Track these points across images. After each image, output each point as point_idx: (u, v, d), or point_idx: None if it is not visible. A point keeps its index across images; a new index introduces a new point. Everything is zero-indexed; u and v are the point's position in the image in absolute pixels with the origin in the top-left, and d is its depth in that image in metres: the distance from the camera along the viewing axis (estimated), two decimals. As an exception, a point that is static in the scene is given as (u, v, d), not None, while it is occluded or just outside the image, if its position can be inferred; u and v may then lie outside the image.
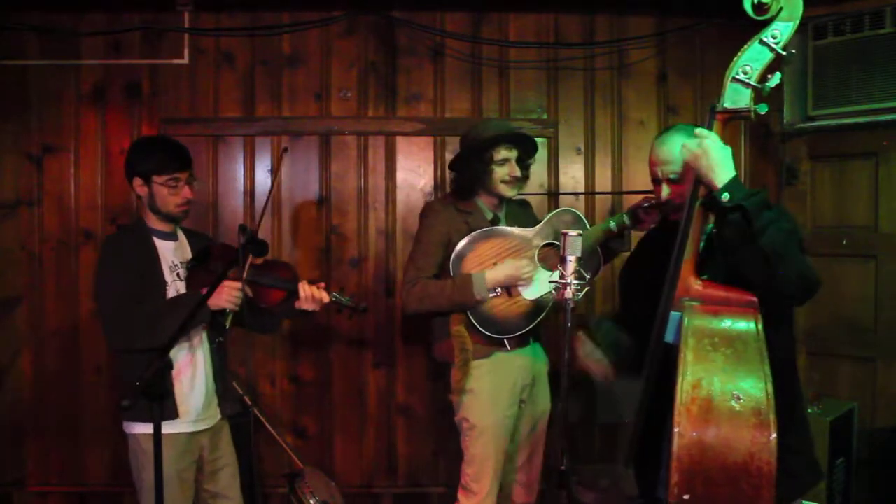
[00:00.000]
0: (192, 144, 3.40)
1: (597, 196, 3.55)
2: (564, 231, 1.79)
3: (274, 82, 3.47)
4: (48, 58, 3.41)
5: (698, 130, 1.76)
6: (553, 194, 3.52)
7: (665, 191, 1.98)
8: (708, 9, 3.38)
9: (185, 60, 3.45)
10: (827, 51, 3.30)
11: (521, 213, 2.88)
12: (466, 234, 2.64)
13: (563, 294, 1.76)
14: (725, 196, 1.67)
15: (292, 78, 3.48)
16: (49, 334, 3.42)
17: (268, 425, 3.06)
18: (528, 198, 3.47)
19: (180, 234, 2.51)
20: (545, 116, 3.54)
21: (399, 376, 3.51)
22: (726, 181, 1.69)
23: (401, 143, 3.51)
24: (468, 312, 2.61)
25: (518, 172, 2.69)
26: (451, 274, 2.61)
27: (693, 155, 1.73)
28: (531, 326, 2.68)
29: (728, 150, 1.73)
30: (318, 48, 3.48)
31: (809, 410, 3.03)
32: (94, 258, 3.38)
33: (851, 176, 3.35)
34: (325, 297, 2.45)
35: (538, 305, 2.67)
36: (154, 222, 2.42)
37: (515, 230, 2.71)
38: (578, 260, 1.77)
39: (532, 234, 2.72)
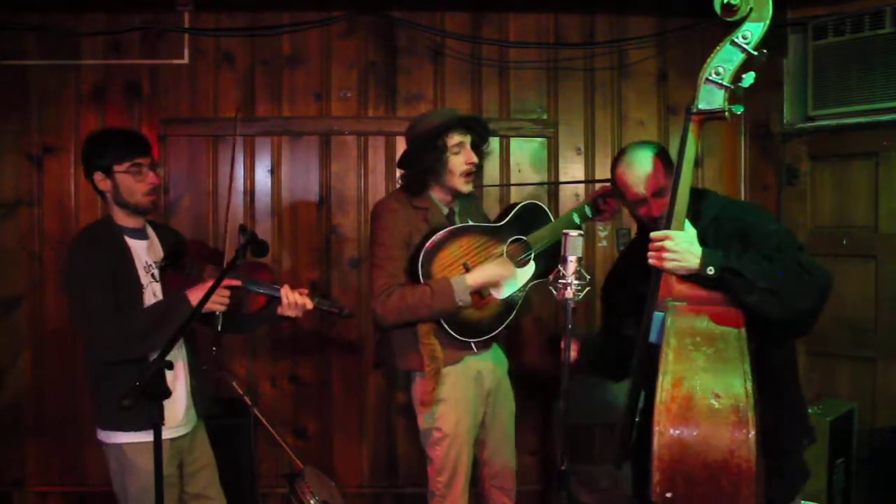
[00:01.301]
0: (193, 144, 3.46)
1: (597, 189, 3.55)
2: (565, 231, 1.79)
3: (274, 82, 3.47)
4: (48, 58, 3.41)
5: (652, 234, 1.77)
6: (553, 184, 3.51)
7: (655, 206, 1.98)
8: (708, 9, 3.36)
9: (185, 60, 3.45)
10: (827, 51, 3.30)
11: (473, 206, 2.76)
12: (427, 232, 2.49)
13: (563, 294, 1.76)
14: (711, 270, 1.69)
15: (292, 78, 3.48)
16: (49, 334, 3.42)
17: (268, 425, 3.06)
18: (529, 188, 3.49)
19: (149, 230, 2.40)
20: (545, 116, 3.54)
21: (399, 376, 3.51)
22: (701, 258, 1.71)
23: (401, 143, 3.47)
24: (441, 319, 2.49)
25: (475, 158, 2.53)
26: (420, 276, 2.44)
27: (662, 260, 1.73)
28: (503, 326, 2.61)
29: (689, 234, 1.74)
30: (318, 48, 3.48)
31: (809, 410, 3.03)
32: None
33: (851, 176, 3.35)
34: (309, 304, 2.34)
35: (508, 304, 2.60)
36: (122, 219, 2.30)
37: (482, 226, 2.60)
38: (579, 260, 1.77)
39: (499, 231, 2.62)
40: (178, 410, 2.31)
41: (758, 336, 1.64)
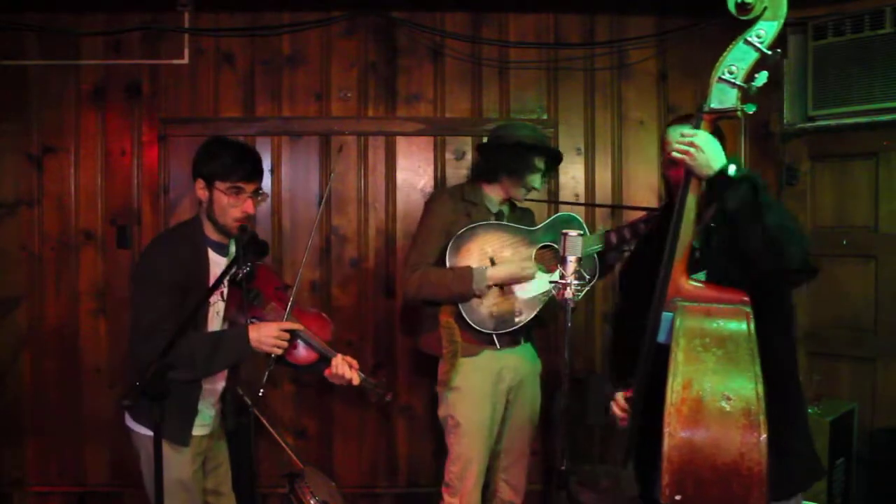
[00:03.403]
0: (192, 144, 3.44)
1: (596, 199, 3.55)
2: (564, 231, 1.79)
3: (274, 82, 3.47)
4: (48, 58, 3.41)
5: (685, 130, 1.76)
6: (553, 202, 3.48)
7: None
8: (708, 9, 3.37)
9: (185, 60, 3.45)
10: (827, 51, 3.29)
11: (524, 216, 2.92)
12: (466, 225, 2.67)
13: (562, 294, 1.76)
14: (732, 170, 1.69)
15: (292, 78, 3.48)
16: (49, 334, 3.42)
17: (268, 425, 3.05)
18: (527, 204, 3.48)
19: (233, 245, 2.32)
20: (545, 116, 3.53)
21: (399, 376, 3.51)
22: (724, 163, 1.72)
23: (401, 143, 3.50)
24: (460, 307, 2.63)
25: (539, 185, 2.78)
26: (447, 259, 2.63)
27: (686, 154, 1.73)
28: (520, 326, 2.69)
29: (717, 143, 1.74)
30: (318, 48, 3.48)
31: (810, 410, 3.03)
32: (94, 258, 3.41)
33: (851, 176, 3.35)
34: (356, 380, 2.26)
35: (531, 305, 2.68)
36: (210, 231, 2.23)
37: (515, 227, 2.75)
38: (579, 260, 1.77)
39: (532, 234, 2.75)
40: (210, 411, 2.36)
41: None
